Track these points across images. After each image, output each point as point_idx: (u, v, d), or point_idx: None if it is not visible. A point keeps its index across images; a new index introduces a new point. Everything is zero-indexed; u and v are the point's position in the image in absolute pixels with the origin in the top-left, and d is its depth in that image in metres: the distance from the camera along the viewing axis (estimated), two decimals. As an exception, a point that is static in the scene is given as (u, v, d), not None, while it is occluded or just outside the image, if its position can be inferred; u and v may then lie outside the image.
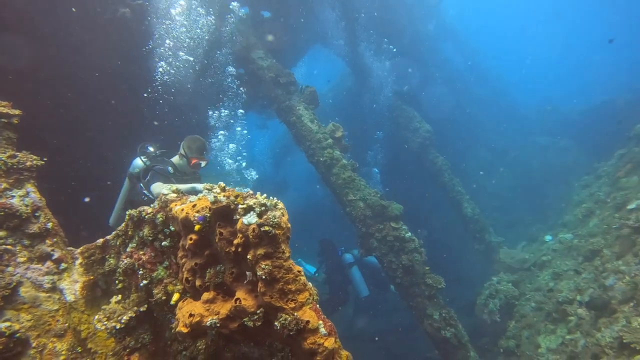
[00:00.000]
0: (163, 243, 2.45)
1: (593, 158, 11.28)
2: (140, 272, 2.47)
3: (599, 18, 40.80)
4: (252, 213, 1.85)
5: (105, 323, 2.41)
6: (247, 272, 1.96)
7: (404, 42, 12.87)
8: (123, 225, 2.71)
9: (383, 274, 8.18)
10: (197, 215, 2.07)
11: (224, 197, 2.02)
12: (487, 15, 39.56)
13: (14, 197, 3.23)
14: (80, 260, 3.11)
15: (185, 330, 1.95)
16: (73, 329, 3.02)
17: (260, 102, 10.14)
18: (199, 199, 2.18)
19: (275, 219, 1.81)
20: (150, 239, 2.52)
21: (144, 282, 2.44)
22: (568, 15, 43.48)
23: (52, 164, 3.77)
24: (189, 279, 2.17)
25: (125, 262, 2.57)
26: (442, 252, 10.41)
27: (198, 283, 2.13)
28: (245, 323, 1.89)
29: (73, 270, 3.26)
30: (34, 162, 3.42)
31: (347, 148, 8.14)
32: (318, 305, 1.96)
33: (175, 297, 2.27)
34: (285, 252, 1.85)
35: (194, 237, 2.09)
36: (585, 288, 6.41)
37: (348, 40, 11.45)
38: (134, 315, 2.42)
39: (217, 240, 2.00)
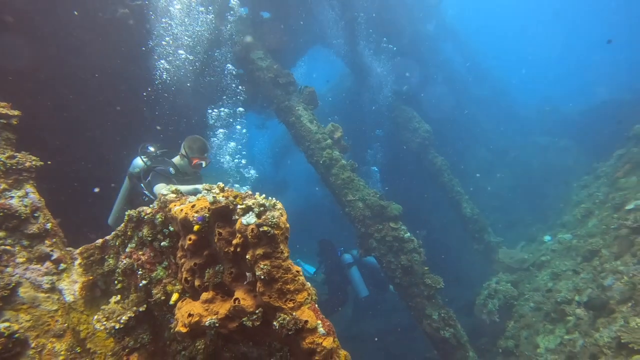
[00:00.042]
0: (162, 243, 2.45)
1: (593, 158, 11.28)
2: (140, 272, 2.47)
3: (599, 18, 40.86)
4: (251, 213, 1.85)
5: (105, 323, 2.42)
6: (247, 273, 1.97)
7: (404, 42, 12.86)
8: (122, 226, 2.72)
9: (382, 274, 8.18)
10: (196, 216, 2.07)
11: (223, 197, 2.02)
12: (486, 16, 39.60)
13: (13, 197, 3.24)
14: (80, 261, 3.12)
15: (184, 330, 1.96)
16: (72, 329, 3.02)
17: (260, 102, 10.14)
18: (198, 200, 2.19)
19: (274, 219, 1.81)
20: (150, 239, 2.52)
21: (143, 282, 2.44)
22: (568, 16, 43.53)
23: (51, 165, 3.77)
24: (188, 279, 2.17)
25: (125, 262, 2.57)
26: (441, 252, 10.42)
27: (197, 283, 2.13)
28: (244, 323, 1.89)
29: (72, 271, 3.27)
30: (33, 162, 3.42)
31: (346, 148, 8.14)
32: (317, 305, 1.96)
33: (175, 297, 2.28)
34: (284, 252, 1.86)
35: (193, 237, 2.10)
36: (584, 288, 6.43)
37: (347, 40, 11.45)
38: (133, 315, 2.42)
39: (216, 241, 2.01)
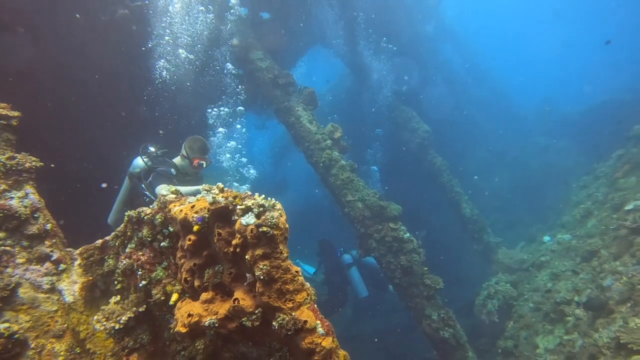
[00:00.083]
0: (162, 244, 2.46)
1: (592, 158, 11.28)
2: (139, 272, 2.48)
3: (599, 19, 40.93)
4: (250, 214, 1.86)
5: (104, 323, 2.42)
6: (247, 274, 1.97)
7: (403, 42, 12.88)
8: (122, 226, 2.72)
9: (382, 275, 8.18)
10: (195, 216, 2.08)
11: (223, 198, 2.03)
12: (486, 17, 39.65)
13: (13, 198, 3.24)
14: (79, 261, 3.12)
15: (184, 330, 1.96)
16: (72, 330, 3.03)
17: (260, 102, 10.15)
18: (198, 200, 2.19)
19: (273, 220, 1.82)
20: (149, 240, 2.53)
21: (143, 282, 2.45)
22: (568, 16, 43.58)
23: (51, 165, 3.77)
24: (188, 279, 2.18)
25: (124, 262, 2.57)
26: (440, 252, 10.42)
27: (197, 283, 2.14)
28: (244, 323, 1.90)
29: (72, 271, 3.27)
30: (33, 163, 3.43)
31: (345, 149, 8.14)
32: (316, 305, 1.97)
33: (174, 297, 2.28)
34: (283, 252, 1.86)
35: (193, 237, 2.10)
36: (583, 289, 6.43)
37: (347, 40, 11.46)
38: (133, 316, 2.42)
39: (215, 241, 2.01)
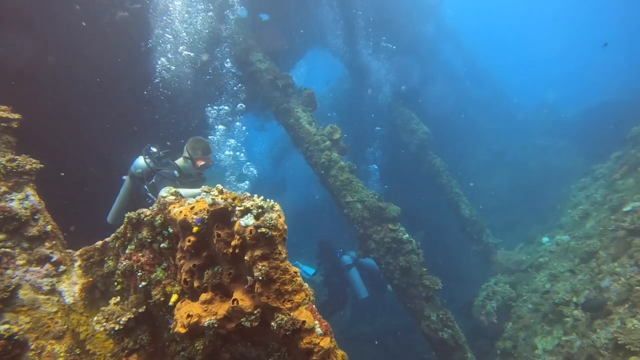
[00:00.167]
0: (162, 245, 2.48)
1: (591, 159, 11.31)
2: (139, 273, 2.49)
3: (598, 20, 41.04)
4: (249, 215, 1.88)
5: (104, 324, 2.43)
6: (248, 277, 1.99)
7: (403, 42, 12.91)
8: (122, 228, 2.74)
9: (381, 276, 8.19)
10: (195, 218, 2.10)
11: (222, 199, 2.04)
12: (486, 17, 39.78)
13: (13, 200, 3.26)
14: (79, 263, 3.14)
15: (183, 331, 1.98)
16: (72, 331, 3.04)
17: (259, 103, 10.17)
18: (197, 202, 2.21)
19: (272, 221, 1.84)
20: (149, 241, 2.55)
21: (143, 283, 2.46)
22: (568, 17, 43.69)
23: (51, 166, 3.79)
24: (187, 280, 2.19)
25: (124, 263, 2.59)
26: (440, 253, 10.44)
27: (196, 284, 2.15)
28: (243, 323, 1.92)
29: (72, 273, 3.29)
30: (34, 165, 3.45)
31: (345, 150, 8.16)
32: (314, 306, 1.99)
33: (174, 298, 2.30)
34: (282, 253, 1.88)
35: (192, 238, 2.12)
36: (581, 290, 6.45)
37: (346, 39, 11.47)
38: (133, 317, 2.44)
39: (214, 242, 2.03)
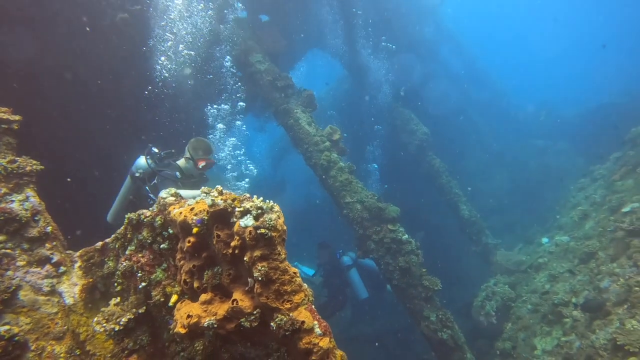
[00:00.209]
0: (161, 246, 2.49)
1: (590, 160, 11.34)
2: (139, 274, 2.50)
3: (598, 22, 41.14)
4: (248, 216, 1.89)
5: (104, 325, 2.44)
6: (248, 278, 1.99)
7: (403, 42, 12.93)
8: (122, 229, 2.75)
9: (381, 276, 8.20)
10: (195, 218, 2.11)
11: (221, 200, 2.06)
12: (486, 18, 39.87)
13: (14, 201, 3.27)
14: (79, 264, 3.15)
15: (183, 331, 1.99)
16: (72, 332, 3.05)
17: (259, 104, 10.18)
18: (197, 203, 2.22)
19: (272, 222, 1.85)
20: (149, 242, 2.56)
21: (143, 284, 2.47)
22: (568, 18, 43.78)
23: (52, 167, 3.80)
24: (187, 281, 2.21)
25: (124, 264, 2.60)
26: (439, 253, 10.45)
27: (196, 285, 2.16)
28: (242, 324, 1.93)
29: (72, 274, 3.30)
30: (34, 166, 3.46)
31: (344, 151, 8.18)
32: (313, 306, 2.00)
33: (174, 298, 2.31)
34: (281, 253, 1.89)
35: (192, 239, 2.13)
36: (581, 290, 6.46)
37: (346, 39, 11.48)
38: (133, 317, 2.45)
39: (214, 243, 2.04)
